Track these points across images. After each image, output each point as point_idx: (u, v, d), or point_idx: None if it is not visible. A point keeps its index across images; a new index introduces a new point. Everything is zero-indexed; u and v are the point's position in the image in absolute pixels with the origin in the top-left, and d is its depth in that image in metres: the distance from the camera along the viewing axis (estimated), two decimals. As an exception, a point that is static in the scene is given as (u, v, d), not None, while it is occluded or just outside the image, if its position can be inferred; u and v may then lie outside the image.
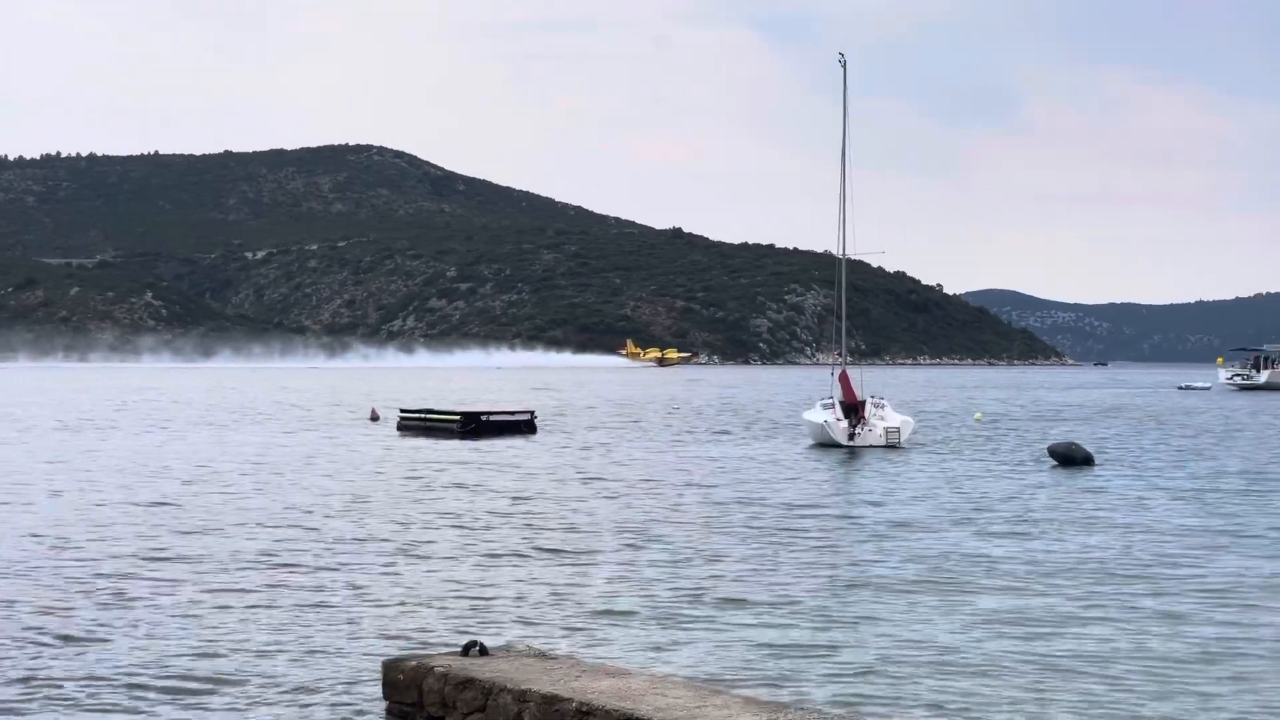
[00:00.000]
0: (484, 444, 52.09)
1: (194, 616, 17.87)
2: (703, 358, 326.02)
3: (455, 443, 53.25)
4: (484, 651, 11.56)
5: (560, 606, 18.61)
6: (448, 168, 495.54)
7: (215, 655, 15.73)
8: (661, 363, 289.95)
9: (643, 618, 17.80)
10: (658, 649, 16.01)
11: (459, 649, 11.78)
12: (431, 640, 16.11)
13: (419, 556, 23.19)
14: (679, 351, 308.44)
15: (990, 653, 15.85)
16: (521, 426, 59.13)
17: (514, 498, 32.68)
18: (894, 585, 20.37)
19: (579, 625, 17.37)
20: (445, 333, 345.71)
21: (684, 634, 16.81)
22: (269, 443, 52.50)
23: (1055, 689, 14.29)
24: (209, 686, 14.40)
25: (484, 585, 20.31)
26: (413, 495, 33.23)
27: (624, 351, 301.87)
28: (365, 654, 15.56)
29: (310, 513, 29.37)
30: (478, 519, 28.52)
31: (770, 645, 16.18)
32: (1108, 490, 34.79)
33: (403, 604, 18.78)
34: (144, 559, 22.74)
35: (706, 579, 20.83)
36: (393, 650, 15.09)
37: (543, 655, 11.89)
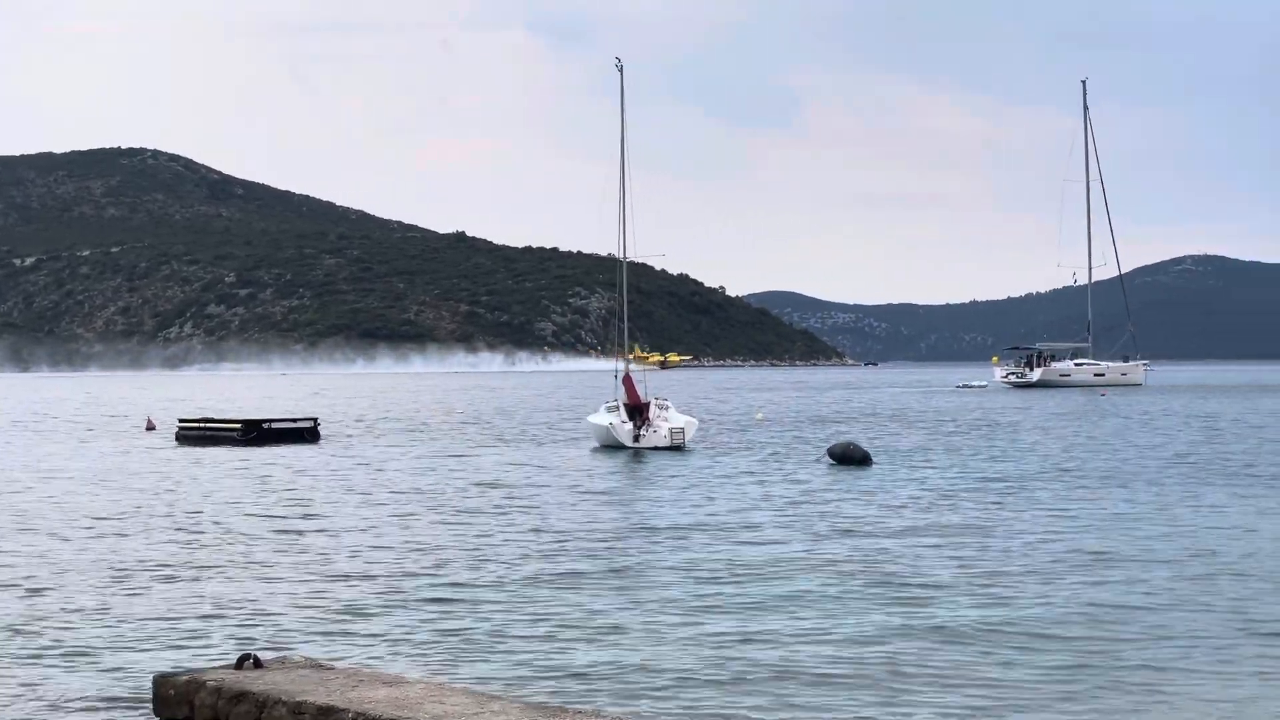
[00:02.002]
0: (263, 452, 51.31)
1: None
2: (703, 360, 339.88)
3: (232, 452, 52.32)
4: (258, 664, 11.40)
5: (335, 617, 18.43)
6: (226, 171, 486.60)
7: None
8: (664, 366, 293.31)
9: (418, 627, 17.74)
10: (435, 657, 15.99)
11: (232, 662, 11.62)
12: (204, 654, 15.84)
13: (190, 569, 22.71)
14: (679, 355, 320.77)
15: (742, 654, 16.17)
16: (304, 434, 58.61)
17: (287, 507, 32.23)
18: (666, 587, 20.62)
19: (355, 636, 17.24)
20: (224, 339, 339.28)
21: (461, 642, 16.81)
22: (37, 455, 50.95)
23: (795, 694, 14.61)
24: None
25: (258, 597, 20.00)
26: (184, 506, 32.54)
27: (631, 356, 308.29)
28: (135, 670, 15.23)
29: (76, 526, 28.56)
30: (249, 529, 28.06)
31: (547, 652, 16.28)
32: (881, 489, 35.62)
33: (175, 618, 18.40)
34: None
35: (482, 587, 20.82)
36: (164, 665, 14.79)
37: (319, 666, 11.78)
